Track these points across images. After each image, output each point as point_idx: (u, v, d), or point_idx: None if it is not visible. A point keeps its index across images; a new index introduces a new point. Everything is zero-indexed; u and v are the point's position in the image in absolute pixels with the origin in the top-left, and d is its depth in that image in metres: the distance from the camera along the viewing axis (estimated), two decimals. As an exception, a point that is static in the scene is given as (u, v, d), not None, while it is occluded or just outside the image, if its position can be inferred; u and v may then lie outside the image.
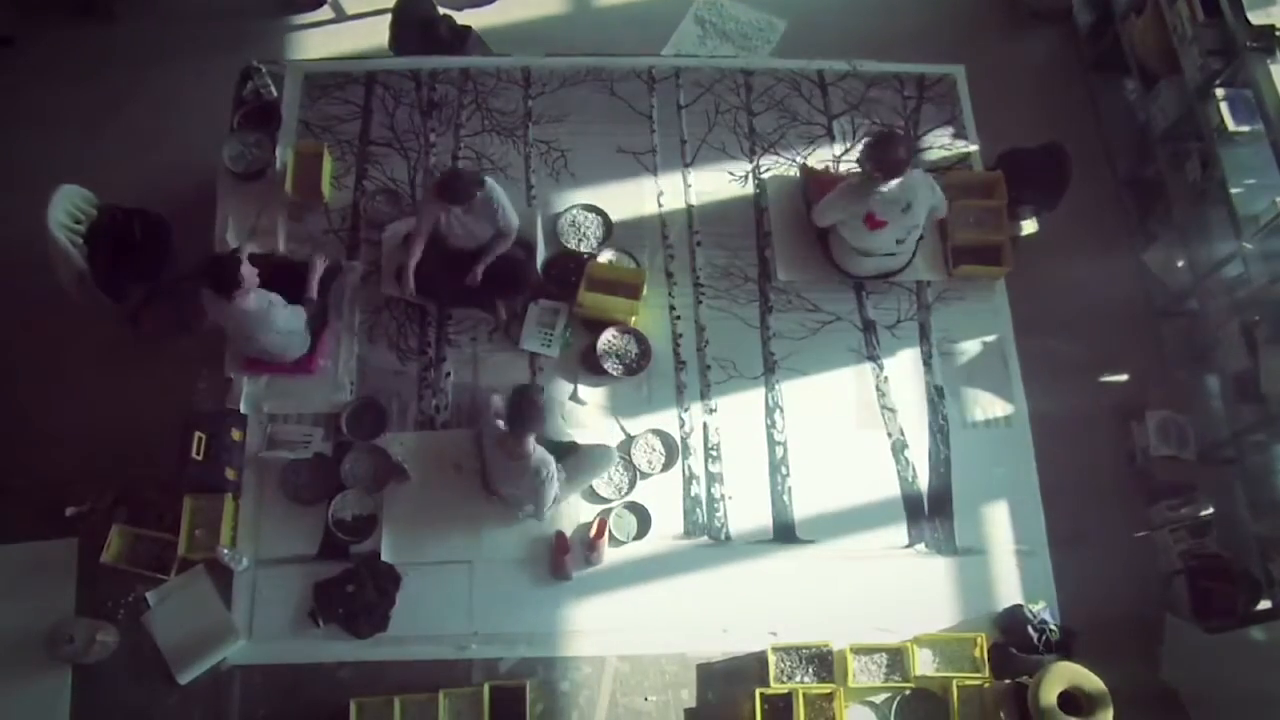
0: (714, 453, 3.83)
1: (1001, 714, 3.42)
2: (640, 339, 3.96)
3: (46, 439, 4.02)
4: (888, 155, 3.61)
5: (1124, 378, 4.56)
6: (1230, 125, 4.18)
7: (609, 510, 3.70)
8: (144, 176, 4.56)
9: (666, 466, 3.78)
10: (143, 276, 3.96)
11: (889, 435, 3.88)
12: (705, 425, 3.87)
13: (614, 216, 4.20)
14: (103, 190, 4.16)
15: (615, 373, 3.91)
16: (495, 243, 3.83)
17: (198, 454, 3.55)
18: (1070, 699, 3.34)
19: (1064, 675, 3.34)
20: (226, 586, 3.55)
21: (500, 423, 3.33)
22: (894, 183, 3.68)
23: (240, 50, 4.61)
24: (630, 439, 3.81)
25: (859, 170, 3.86)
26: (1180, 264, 4.60)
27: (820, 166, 4.32)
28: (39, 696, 3.38)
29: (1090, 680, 3.34)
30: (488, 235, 3.81)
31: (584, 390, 3.91)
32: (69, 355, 4.33)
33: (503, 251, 3.85)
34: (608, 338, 3.94)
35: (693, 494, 3.77)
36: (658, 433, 3.83)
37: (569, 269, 4.07)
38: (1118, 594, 3.99)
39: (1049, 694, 3.31)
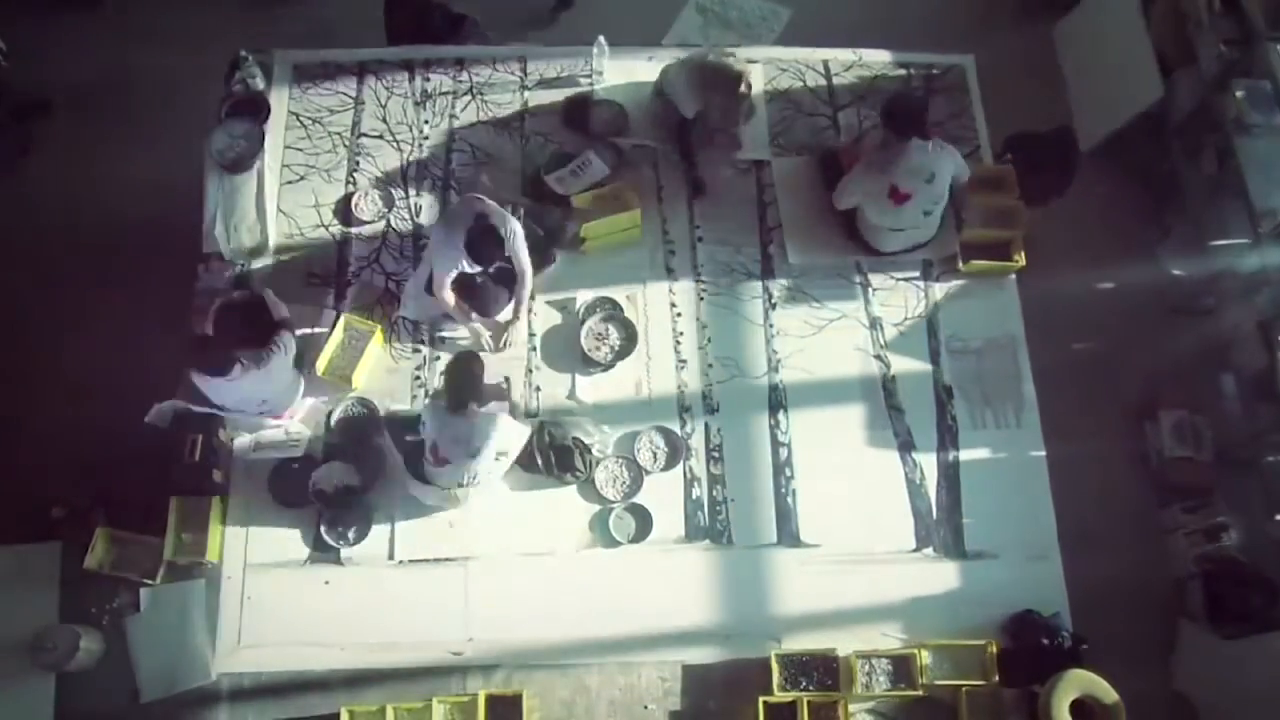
0: (716, 454, 3.74)
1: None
2: (626, 325, 3.88)
3: (27, 440, 3.95)
4: (903, 114, 3.56)
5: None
6: (1248, 117, 4.09)
7: None
8: (131, 168, 4.48)
9: (669, 464, 3.70)
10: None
11: (895, 435, 3.79)
12: (707, 426, 3.79)
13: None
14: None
15: (605, 361, 3.82)
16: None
17: (192, 456, 3.46)
18: (1082, 707, 3.29)
19: (1076, 683, 3.30)
20: (215, 592, 3.47)
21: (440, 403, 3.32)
22: (914, 150, 3.60)
23: (229, 38, 4.50)
24: (633, 435, 3.73)
25: (876, 148, 3.78)
26: (1195, 259, 4.51)
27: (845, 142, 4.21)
28: (21, 705, 3.30)
29: (1102, 688, 3.30)
30: None
31: (582, 389, 3.81)
32: (52, 354, 4.25)
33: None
34: (590, 326, 3.86)
35: (694, 496, 3.69)
36: (661, 429, 3.75)
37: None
38: (1131, 599, 3.92)
39: (1060, 703, 3.26)
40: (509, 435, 3.40)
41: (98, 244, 4.52)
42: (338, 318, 3.80)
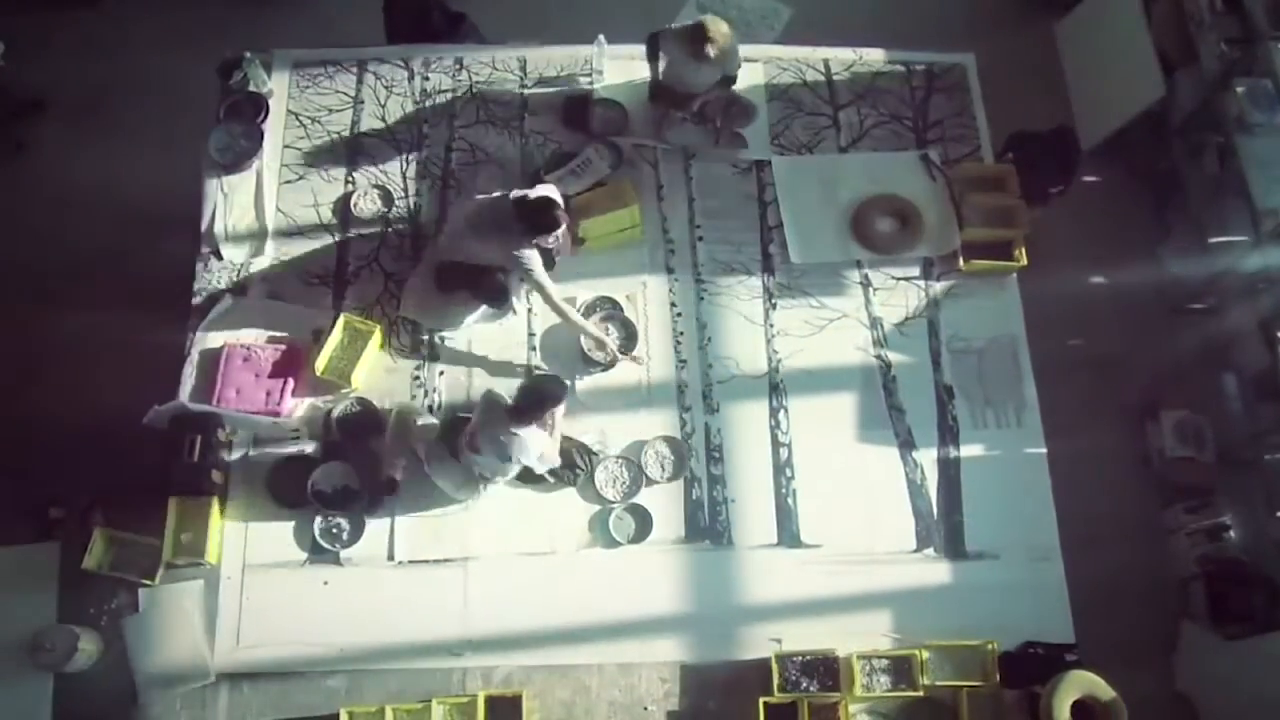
0: (716, 454, 3.73)
1: (1013, 724, 3.34)
2: (625, 325, 3.88)
3: (26, 440, 3.95)
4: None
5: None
6: (1249, 116, 4.08)
7: None
8: (129, 168, 4.47)
9: (675, 474, 3.69)
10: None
11: (896, 436, 3.78)
12: (707, 426, 3.77)
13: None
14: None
15: (604, 360, 3.81)
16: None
17: (190, 456, 3.45)
18: (1083, 708, 3.27)
19: (1077, 684, 3.28)
20: (213, 593, 3.46)
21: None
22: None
23: (229, 38, 4.50)
24: (640, 445, 3.71)
25: None
26: (1197, 258, 4.50)
27: None
28: (19, 706, 3.29)
29: (1103, 689, 3.28)
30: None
31: (582, 387, 3.80)
32: (50, 354, 4.25)
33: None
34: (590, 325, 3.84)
35: (694, 497, 3.67)
36: (668, 439, 3.73)
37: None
38: (1132, 599, 3.91)
39: (1061, 703, 3.25)
40: (540, 453, 3.38)
41: (95, 243, 4.52)
42: (337, 316, 3.79)
